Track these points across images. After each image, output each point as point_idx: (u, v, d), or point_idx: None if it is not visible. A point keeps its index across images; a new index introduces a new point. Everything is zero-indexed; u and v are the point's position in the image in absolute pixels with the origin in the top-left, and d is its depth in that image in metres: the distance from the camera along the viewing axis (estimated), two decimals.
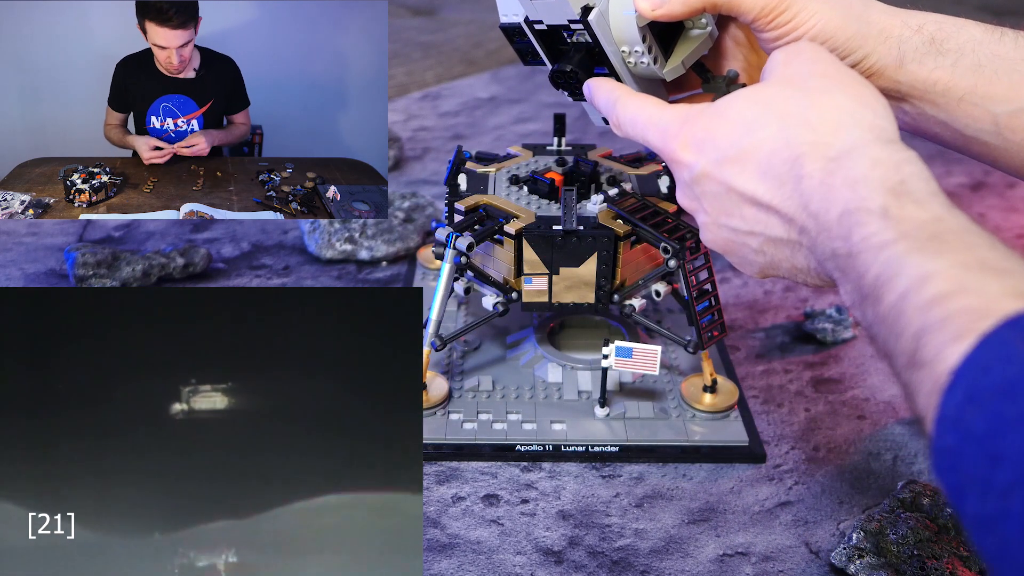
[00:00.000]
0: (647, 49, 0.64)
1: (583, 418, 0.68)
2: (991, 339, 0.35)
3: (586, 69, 0.66)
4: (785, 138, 0.50)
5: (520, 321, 0.78)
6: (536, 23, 0.65)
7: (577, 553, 0.58)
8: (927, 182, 0.44)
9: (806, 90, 0.52)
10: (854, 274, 0.44)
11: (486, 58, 1.57)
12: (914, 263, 0.41)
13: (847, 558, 0.56)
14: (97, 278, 0.84)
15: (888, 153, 0.46)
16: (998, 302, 0.37)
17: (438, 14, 1.86)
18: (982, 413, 0.34)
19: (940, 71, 0.61)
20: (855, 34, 0.62)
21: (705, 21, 0.67)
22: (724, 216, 0.53)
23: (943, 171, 1.14)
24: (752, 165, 0.51)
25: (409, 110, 1.33)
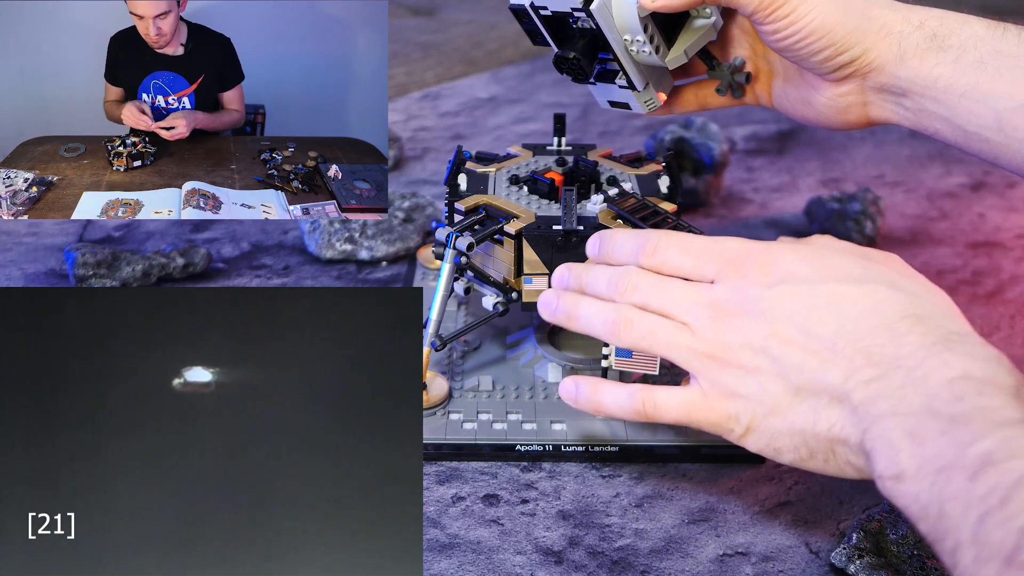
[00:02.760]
0: (649, 38, 0.64)
1: (583, 418, 0.68)
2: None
3: (589, 56, 0.66)
4: (896, 298, 0.47)
5: (520, 321, 0.78)
6: (541, 8, 0.65)
7: (577, 553, 0.58)
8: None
9: (918, 278, 0.50)
10: (948, 441, 0.40)
11: (486, 58, 1.57)
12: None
13: (847, 558, 0.56)
14: (97, 278, 0.84)
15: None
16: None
17: (438, 14, 1.86)
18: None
19: (942, 67, 0.61)
20: (855, 29, 0.62)
21: (709, 11, 0.68)
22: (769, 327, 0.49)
23: (943, 171, 1.14)
24: (845, 307, 0.48)
25: (409, 110, 1.33)
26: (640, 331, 0.54)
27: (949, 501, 0.39)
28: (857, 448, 0.46)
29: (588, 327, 0.56)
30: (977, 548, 0.37)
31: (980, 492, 0.38)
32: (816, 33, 0.61)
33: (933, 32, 0.61)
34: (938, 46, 0.61)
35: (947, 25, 0.61)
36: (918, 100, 0.63)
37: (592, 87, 0.72)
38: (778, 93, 0.72)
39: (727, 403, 0.51)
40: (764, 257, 0.51)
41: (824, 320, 0.48)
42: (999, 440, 0.39)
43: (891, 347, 0.45)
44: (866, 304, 0.47)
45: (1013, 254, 0.93)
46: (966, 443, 0.39)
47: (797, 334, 0.48)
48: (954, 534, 0.39)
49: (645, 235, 0.56)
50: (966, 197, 1.07)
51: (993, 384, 0.42)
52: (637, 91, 0.69)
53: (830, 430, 0.48)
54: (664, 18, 0.65)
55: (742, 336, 0.50)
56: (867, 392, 0.45)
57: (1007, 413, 0.40)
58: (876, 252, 0.52)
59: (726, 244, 0.53)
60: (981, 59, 0.60)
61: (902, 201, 1.06)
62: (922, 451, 0.41)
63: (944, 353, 0.44)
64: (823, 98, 0.67)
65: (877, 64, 0.62)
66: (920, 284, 0.50)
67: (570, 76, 0.67)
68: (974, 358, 0.43)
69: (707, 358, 0.51)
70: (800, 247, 0.52)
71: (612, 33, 0.64)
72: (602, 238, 0.59)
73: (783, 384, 0.49)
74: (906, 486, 0.42)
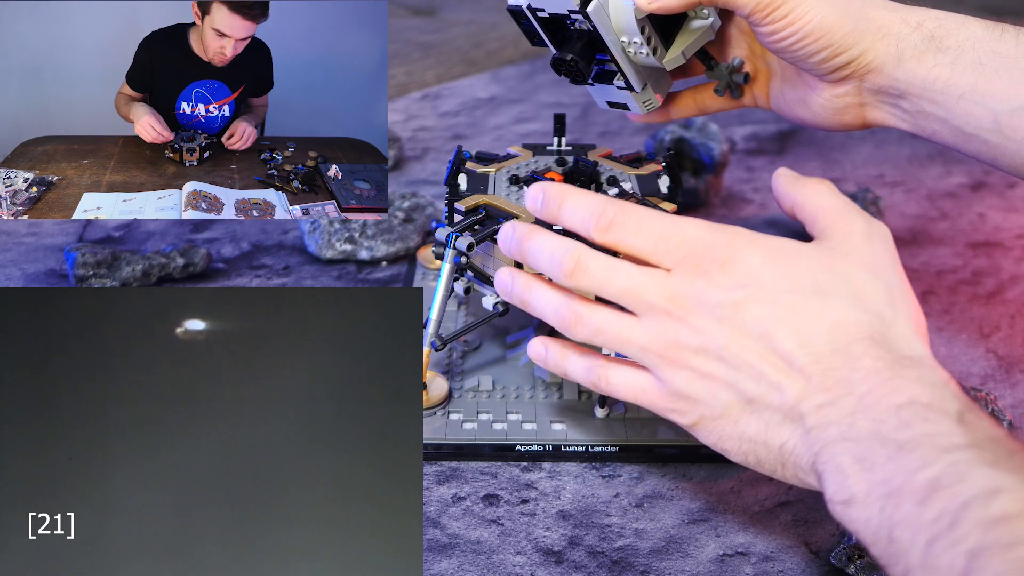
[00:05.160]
0: (646, 40, 0.64)
1: (583, 418, 0.68)
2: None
3: (587, 58, 0.66)
4: (856, 318, 0.47)
5: (520, 321, 0.78)
6: (539, 10, 0.65)
7: (577, 553, 0.58)
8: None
9: (888, 286, 0.48)
10: (896, 467, 0.41)
11: (486, 58, 1.57)
12: (983, 475, 0.38)
13: (847, 558, 0.56)
14: (97, 278, 0.84)
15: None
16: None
17: (438, 14, 1.86)
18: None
19: (939, 68, 0.61)
20: (852, 30, 0.62)
21: (707, 12, 0.68)
22: (717, 348, 0.48)
23: (943, 171, 1.14)
24: (806, 322, 0.47)
25: (409, 110, 1.33)
26: (590, 328, 0.51)
27: (898, 526, 0.39)
28: (808, 468, 0.46)
29: (541, 316, 0.54)
30: (927, 572, 0.37)
31: (929, 517, 0.38)
32: (813, 34, 0.61)
33: (931, 33, 0.61)
34: (936, 47, 0.61)
35: (945, 26, 0.61)
36: (916, 102, 0.62)
37: (590, 88, 0.72)
38: (775, 94, 0.72)
39: (675, 399, 0.50)
40: (726, 254, 0.48)
41: (784, 334, 0.47)
42: (945, 465, 0.39)
43: (845, 371, 0.45)
44: (826, 322, 0.46)
45: (1013, 254, 0.93)
46: (914, 469, 0.40)
47: (755, 345, 0.47)
48: (904, 558, 0.39)
49: (599, 205, 0.51)
50: (966, 197, 1.07)
51: (938, 410, 0.42)
52: (635, 92, 0.69)
53: (782, 446, 0.47)
54: (661, 19, 0.65)
55: (697, 339, 0.48)
56: (819, 417, 0.45)
57: (952, 439, 0.40)
58: (857, 232, 0.50)
59: (687, 231, 0.50)
60: (979, 60, 0.60)
61: (902, 201, 1.06)
62: (871, 476, 0.41)
63: (894, 380, 0.44)
64: (820, 99, 0.67)
65: (875, 65, 0.62)
66: (886, 291, 0.48)
67: (568, 77, 0.67)
68: (922, 383, 0.43)
69: (658, 356, 0.50)
70: (764, 245, 0.49)
71: (609, 35, 0.64)
72: (546, 193, 0.53)
73: (734, 394, 0.48)
74: (856, 511, 0.42)
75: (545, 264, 0.52)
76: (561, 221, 0.53)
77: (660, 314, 0.49)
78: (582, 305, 0.52)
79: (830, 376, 0.45)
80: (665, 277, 0.49)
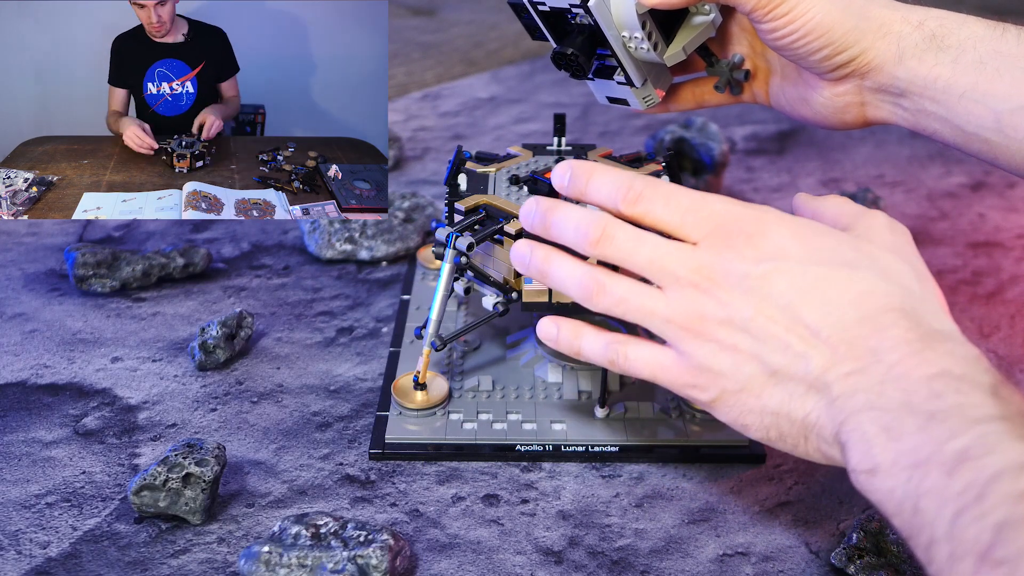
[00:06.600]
0: (647, 35, 0.64)
1: (583, 418, 0.68)
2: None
3: (587, 52, 0.66)
4: (885, 288, 0.46)
5: (520, 321, 0.78)
6: (540, 4, 0.65)
7: (577, 553, 0.58)
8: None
9: (913, 267, 0.48)
10: (925, 437, 0.40)
11: (486, 58, 1.57)
12: (1014, 448, 0.37)
13: (847, 558, 0.56)
14: (97, 278, 0.84)
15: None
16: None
17: (438, 14, 1.86)
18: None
19: (940, 67, 0.61)
20: (853, 28, 0.62)
21: (708, 8, 0.68)
22: (741, 319, 0.47)
23: (943, 171, 1.14)
24: (833, 293, 0.46)
25: (409, 110, 1.33)
26: (613, 297, 0.51)
27: (925, 497, 0.39)
28: (832, 439, 0.46)
29: (560, 287, 0.53)
30: (952, 544, 0.37)
31: (956, 488, 0.38)
32: (815, 32, 0.61)
33: (932, 32, 0.61)
34: (937, 46, 0.61)
35: (946, 25, 0.61)
36: (917, 100, 0.63)
37: (590, 83, 0.72)
38: (776, 91, 0.72)
39: (697, 374, 0.50)
40: (754, 228, 0.49)
41: (811, 305, 0.46)
42: (976, 436, 0.39)
43: (873, 340, 0.45)
44: (854, 292, 0.46)
45: (1013, 254, 0.93)
46: (943, 439, 0.39)
47: (781, 316, 0.47)
48: (929, 530, 0.38)
49: (628, 178, 0.51)
50: (966, 197, 1.07)
51: (971, 382, 0.41)
52: (635, 87, 0.69)
53: (806, 418, 0.47)
54: (663, 15, 0.65)
55: (723, 311, 0.48)
56: (846, 385, 0.45)
57: (984, 410, 0.40)
58: (880, 223, 0.51)
59: (714, 205, 0.50)
60: (980, 59, 0.60)
61: (902, 201, 1.06)
62: (898, 446, 0.41)
63: (925, 351, 0.43)
64: (821, 97, 0.67)
65: (875, 64, 0.62)
66: (913, 271, 0.48)
67: (568, 72, 0.67)
68: (954, 356, 0.43)
69: (682, 329, 0.49)
70: (792, 221, 0.49)
71: (610, 30, 0.64)
72: (574, 169, 0.53)
73: (759, 365, 0.48)
74: (880, 480, 0.42)
75: (571, 234, 0.52)
76: (588, 195, 0.53)
77: (686, 286, 0.49)
78: (605, 274, 0.51)
79: (858, 345, 0.45)
80: (692, 250, 0.49)
